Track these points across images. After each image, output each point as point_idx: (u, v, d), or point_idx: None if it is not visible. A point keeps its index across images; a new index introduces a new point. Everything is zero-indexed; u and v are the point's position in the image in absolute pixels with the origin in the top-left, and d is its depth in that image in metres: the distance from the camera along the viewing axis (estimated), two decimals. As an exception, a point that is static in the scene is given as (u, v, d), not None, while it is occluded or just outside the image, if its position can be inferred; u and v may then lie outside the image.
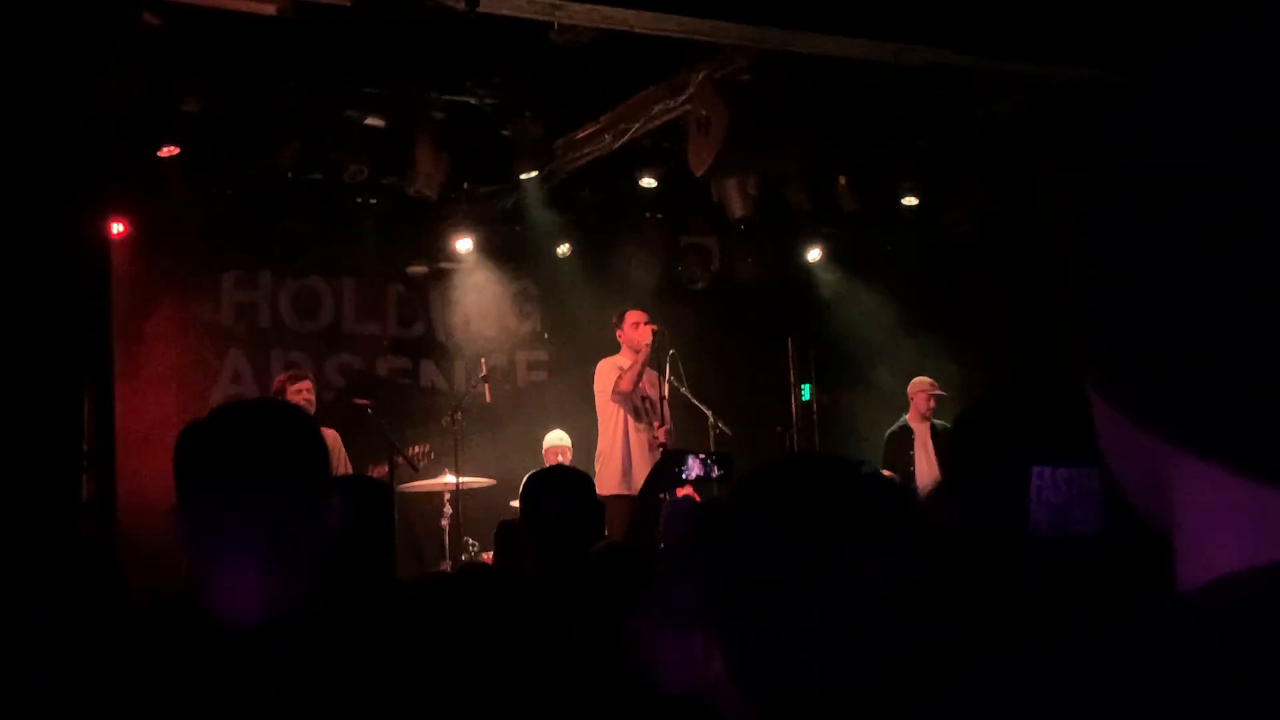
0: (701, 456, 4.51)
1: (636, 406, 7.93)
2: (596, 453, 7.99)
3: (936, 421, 9.05)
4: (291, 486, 1.80)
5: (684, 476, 4.49)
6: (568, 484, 3.80)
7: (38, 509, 4.96)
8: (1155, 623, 0.61)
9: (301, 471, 1.83)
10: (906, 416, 9.23)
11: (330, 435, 7.68)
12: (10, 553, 4.45)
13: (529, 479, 3.98)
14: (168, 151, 7.99)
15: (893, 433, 9.22)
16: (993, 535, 2.07)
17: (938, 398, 9.10)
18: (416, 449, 8.41)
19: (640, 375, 7.87)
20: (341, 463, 7.78)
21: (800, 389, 10.99)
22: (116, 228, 8.06)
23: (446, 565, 7.90)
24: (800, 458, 1.31)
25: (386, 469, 7.90)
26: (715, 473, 4.51)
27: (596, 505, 3.92)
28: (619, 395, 7.82)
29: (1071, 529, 1.86)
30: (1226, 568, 0.61)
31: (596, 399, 8.00)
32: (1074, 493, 1.83)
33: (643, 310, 8.12)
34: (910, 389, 9.28)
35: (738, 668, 1.07)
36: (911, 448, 9.08)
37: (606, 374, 7.94)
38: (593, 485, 4.01)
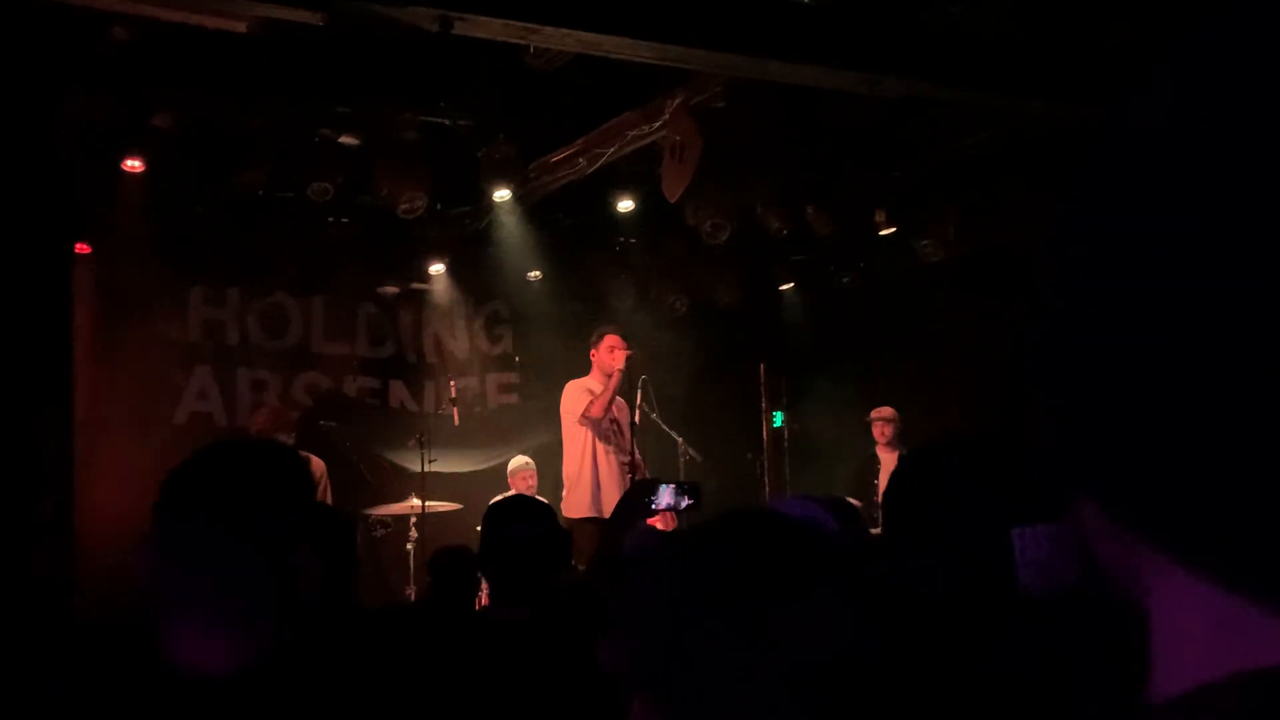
0: (673, 485, 4.46)
1: (605, 430, 7.84)
2: (564, 476, 7.90)
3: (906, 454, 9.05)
4: (261, 537, 1.70)
5: (654, 505, 4.42)
6: (530, 515, 3.74)
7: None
8: None
9: (273, 521, 1.73)
10: (875, 447, 9.24)
11: (316, 464, 7.59)
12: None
13: (490, 508, 3.93)
14: (133, 165, 7.90)
15: (860, 463, 9.24)
16: (978, 596, 2.02)
17: (900, 429, 9.13)
18: (379, 513, 8.27)
19: (611, 402, 7.80)
20: (325, 492, 7.70)
21: (772, 415, 10.95)
22: (80, 244, 7.96)
23: (410, 591, 7.81)
24: (733, 516, 1.26)
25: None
26: (685, 502, 4.46)
27: (560, 536, 3.86)
28: (587, 420, 7.74)
29: (1056, 584, 1.81)
30: (1196, 670, 0.57)
31: (563, 420, 7.90)
32: (1055, 547, 1.78)
33: (620, 334, 8.03)
34: (869, 418, 9.29)
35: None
36: (876, 477, 9.09)
37: (575, 396, 7.84)
38: (555, 516, 3.95)
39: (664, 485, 4.35)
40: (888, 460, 9.09)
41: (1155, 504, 0.57)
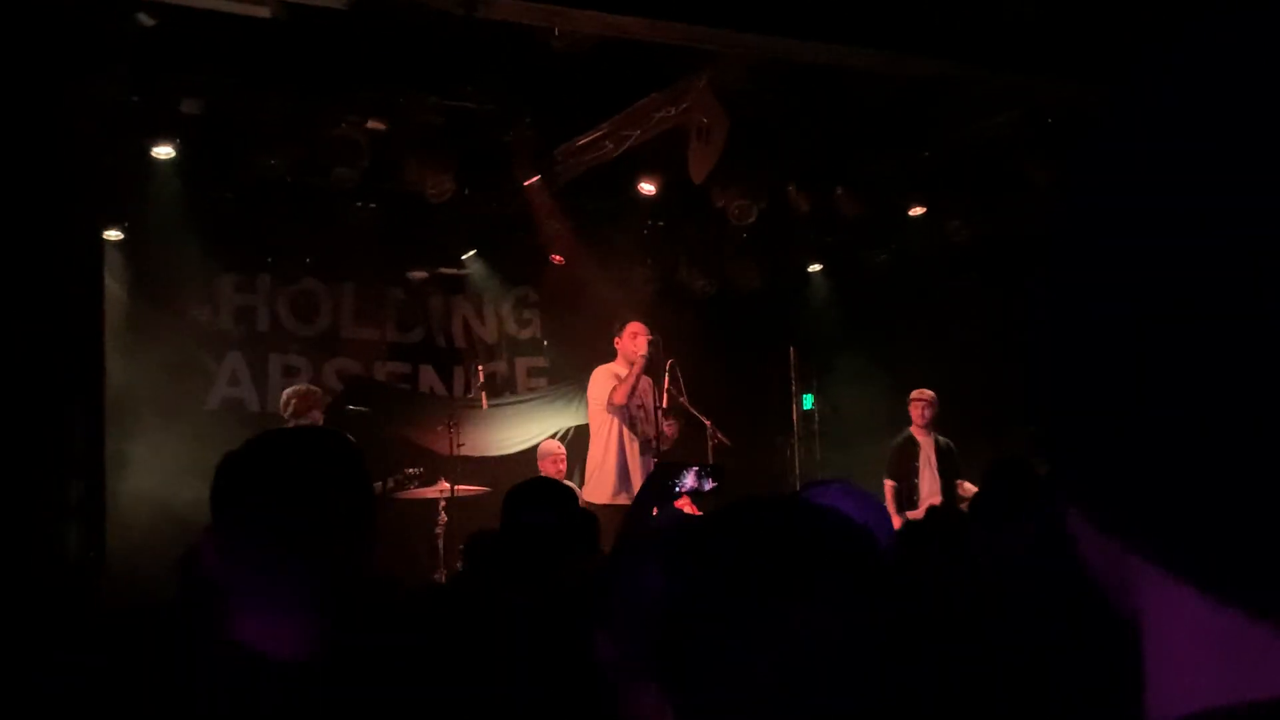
0: (696, 468, 4.45)
1: (632, 415, 7.85)
2: (588, 461, 7.91)
3: (941, 438, 9.04)
4: (341, 525, 1.72)
5: (678, 489, 4.42)
6: (548, 499, 3.73)
7: (20, 512, 4.92)
8: None
9: (350, 508, 1.75)
10: (910, 428, 9.18)
11: None
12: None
13: (510, 491, 3.91)
14: (162, 152, 7.95)
15: (898, 444, 9.18)
16: (1025, 568, 1.99)
17: (938, 412, 9.08)
18: (410, 470, 8.31)
19: (635, 387, 7.80)
20: None
21: (802, 398, 10.92)
22: (112, 231, 8.03)
23: (441, 574, 7.84)
24: (748, 506, 1.23)
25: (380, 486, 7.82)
26: (708, 485, 4.45)
27: (582, 521, 3.85)
28: (613, 406, 7.76)
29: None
30: (1192, 694, 0.53)
31: (590, 406, 7.92)
32: None
33: (644, 322, 8.05)
34: (909, 399, 9.25)
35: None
36: (916, 459, 9.05)
37: (602, 381, 7.85)
38: (576, 500, 3.94)
39: (687, 468, 4.34)
40: (925, 442, 9.08)
41: (1143, 511, 0.52)
